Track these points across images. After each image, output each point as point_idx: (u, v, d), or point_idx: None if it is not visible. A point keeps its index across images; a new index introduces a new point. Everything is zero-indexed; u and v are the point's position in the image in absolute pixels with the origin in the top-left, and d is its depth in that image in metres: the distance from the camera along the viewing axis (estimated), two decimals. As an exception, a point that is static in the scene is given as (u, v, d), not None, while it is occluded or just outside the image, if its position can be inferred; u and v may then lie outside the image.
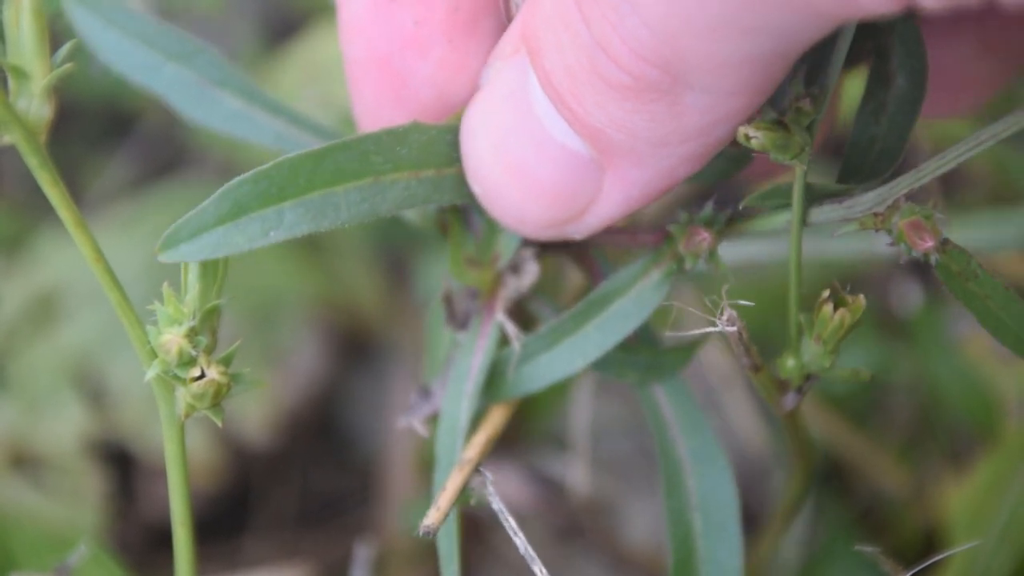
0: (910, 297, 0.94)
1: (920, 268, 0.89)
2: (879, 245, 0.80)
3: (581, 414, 0.88)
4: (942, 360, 0.93)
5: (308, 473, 1.07)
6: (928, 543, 0.91)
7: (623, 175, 0.54)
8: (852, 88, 0.67)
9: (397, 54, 0.58)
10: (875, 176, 0.55)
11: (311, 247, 1.06)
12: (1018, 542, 0.81)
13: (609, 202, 0.55)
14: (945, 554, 0.76)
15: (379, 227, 1.03)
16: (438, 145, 0.57)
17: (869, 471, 0.95)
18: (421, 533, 0.56)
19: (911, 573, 0.61)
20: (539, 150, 0.55)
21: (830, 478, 0.96)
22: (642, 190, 0.54)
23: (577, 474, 0.88)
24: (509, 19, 0.58)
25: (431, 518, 0.57)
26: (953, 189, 0.97)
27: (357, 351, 1.10)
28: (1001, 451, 0.86)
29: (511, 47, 0.56)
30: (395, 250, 1.08)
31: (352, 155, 0.55)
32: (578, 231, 0.57)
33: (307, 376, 1.06)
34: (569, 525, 0.90)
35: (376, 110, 0.59)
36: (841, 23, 0.47)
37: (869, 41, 0.56)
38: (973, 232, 0.76)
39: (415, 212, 0.63)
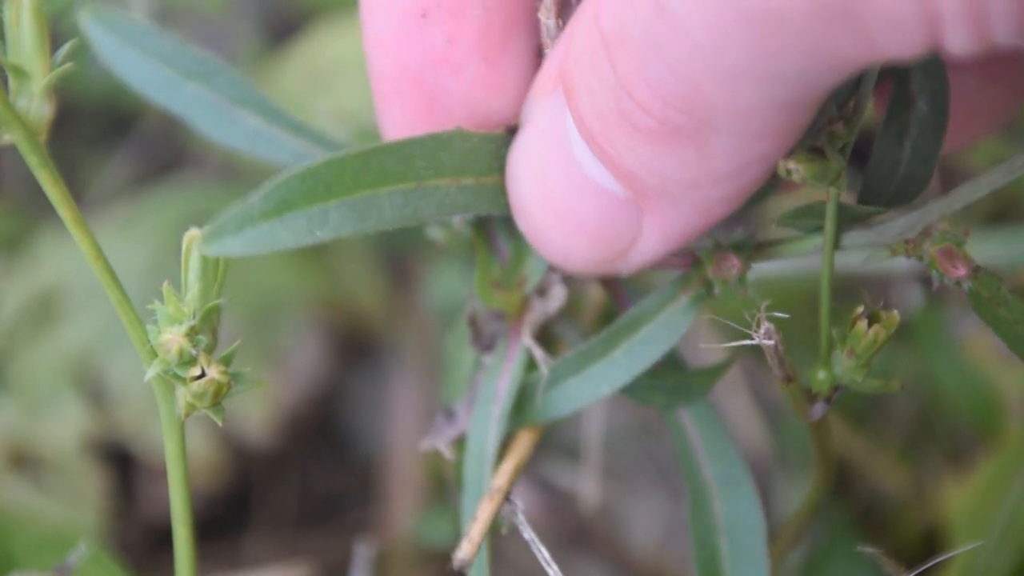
0: (910, 298, 0.94)
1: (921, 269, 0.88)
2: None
3: (594, 426, 0.88)
4: (943, 360, 0.92)
5: (308, 473, 1.07)
6: (929, 544, 0.91)
7: (660, 216, 0.53)
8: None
9: (429, 72, 0.57)
10: (899, 200, 0.55)
11: (312, 246, 1.06)
12: (1019, 542, 0.81)
13: (650, 242, 0.55)
14: (946, 555, 0.76)
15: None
16: (479, 154, 0.56)
17: (870, 471, 0.95)
18: (455, 567, 0.55)
19: (912, 574, 0.62)
20: (579, 191, 0.54)
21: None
22: (681, 230, 0.54)
23: (589, 484, 0.87)
24: (541, 42, 0.57)
25: (464, 551, 0.56)
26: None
27: (357, 351, 1.10)
28: (1002, 451, 0.86)
29: (552, 83, 0.55)
30: (395, 250, 1.08)
31: (397, 158, 0.54)
32: (624, 268, 0.57)
33: (307, 376, 1.05)
34: (574, 532, 0.90)
35: (406, 127, 0.58)
36: (863, 68, 0.46)
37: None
38: (986, 248, 0.77)
39: (441, 230, 0.63)
